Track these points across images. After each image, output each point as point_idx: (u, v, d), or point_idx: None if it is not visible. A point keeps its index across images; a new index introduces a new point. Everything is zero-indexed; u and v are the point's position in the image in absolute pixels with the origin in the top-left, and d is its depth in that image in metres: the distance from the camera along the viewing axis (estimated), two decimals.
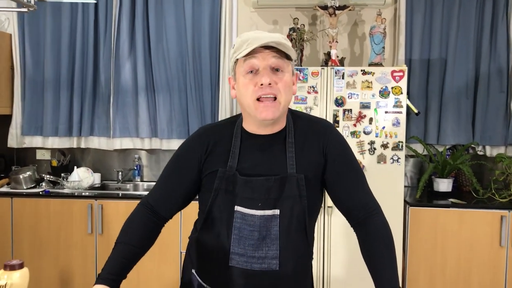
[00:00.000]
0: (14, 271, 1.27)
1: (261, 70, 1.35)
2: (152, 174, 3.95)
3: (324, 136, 1.46)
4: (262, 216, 1.39)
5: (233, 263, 1.40)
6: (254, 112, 1.37)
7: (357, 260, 3.07)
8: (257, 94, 1.35)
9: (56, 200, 3.34)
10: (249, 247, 1.39)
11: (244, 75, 1.37)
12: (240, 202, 1.40)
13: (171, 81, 3.74)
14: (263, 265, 1.39)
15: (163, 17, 3.71)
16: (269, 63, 1.35)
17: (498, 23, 3.53)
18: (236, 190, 1.41)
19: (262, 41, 1.33)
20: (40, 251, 3.34)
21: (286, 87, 1.37)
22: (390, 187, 3.06)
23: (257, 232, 1.39)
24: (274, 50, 1.35)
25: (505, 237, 3.07)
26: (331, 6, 3.33)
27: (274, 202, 1.40)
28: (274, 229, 1.39)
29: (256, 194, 1.40)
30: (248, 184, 1.40)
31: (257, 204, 1.39)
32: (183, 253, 3.28)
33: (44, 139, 3.84)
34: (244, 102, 1.39)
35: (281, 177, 1.40)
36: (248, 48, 1.33)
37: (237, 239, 1.40)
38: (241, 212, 1.40)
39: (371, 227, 1.44)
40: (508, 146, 3.61)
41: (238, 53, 1.36)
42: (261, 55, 1.35)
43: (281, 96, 1.36)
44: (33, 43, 3.80)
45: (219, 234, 1.42)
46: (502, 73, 3.55)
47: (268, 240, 1.39)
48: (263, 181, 1.40)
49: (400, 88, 3.07)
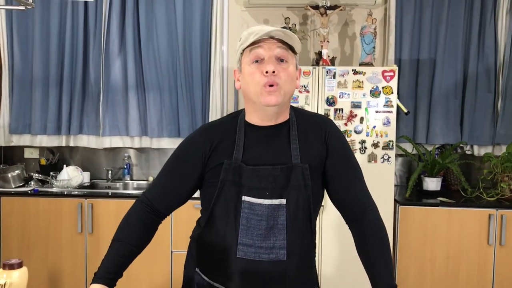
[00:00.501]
0: (13, 270, 1.26)
1: (267, 59, 1.39)
2: (142, 172, 3.93)
3: (325, 129, 1.50)
4: (269, 205, 1.41)
5: (241, 254, 1.41)
6: (259, 97, 1.39)
7: (349, 258, 3.11)
8: (263, 81, 1.38)
9: (45, 199, 3.30)
10: (257, 237, 1.40)
11: (250, 64, 1.41)
12: (248, 192, 1.42)
13: (161, 80, 3.73)
14: (271, 255, 1.41)
15: (153, 15, 3.69)
16: (275, 53, 1.39)
17: (486, 25, 3.58)
18: (242, 180, 1.42)
19: (268, 30, 1.37)
20: (29, 250, 3.30)
21: (289, 78, 1.41)
22: (380, 186, 3.09)
23: (264, 222, 1.40)
24: (279, 41, 1.39)
25: (492, 235, 3.12)
26: (322, 6, 3.35)
27: (280, 191, 1.42)
28: (281, 218, 1.41)
29: (263, 183, 1.41)
30: (255, 173, 1.41)
31: (264, 193, 1.41)
32: (174, 252, 3.27)
33: (33, 137, 3.80)
34: (249, 89, 1.42)
35: (287, 167, 1.42)
36: (254, 37, 1.37)
37: (245, 230, 1.41)
38: (248, 202, 1.41)
39: (366, 224, 1.46)
40: (496, 146, 3.67)
41: (245, 43, 1.41)
42: (266, 45, 1.39)
43: (284, 85, 1.39)
44: (21, 40, 3.75)
45: (226, 226, 1.43)
46: (489, 73, 3.61)
47: (275, 229, 1.41)
48: (270, 170, 1.42)
49: (391, 88, 3.10)
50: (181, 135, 3.75)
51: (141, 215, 1.49)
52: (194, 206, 3.16)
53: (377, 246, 1.43)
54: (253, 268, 1.41)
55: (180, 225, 3.25)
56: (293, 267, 1.43)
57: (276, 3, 3.57)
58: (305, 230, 1.46)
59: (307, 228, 1.46)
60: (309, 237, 1.48)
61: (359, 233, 1.47)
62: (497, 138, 3.62)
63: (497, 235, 3.13)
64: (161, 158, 3.89)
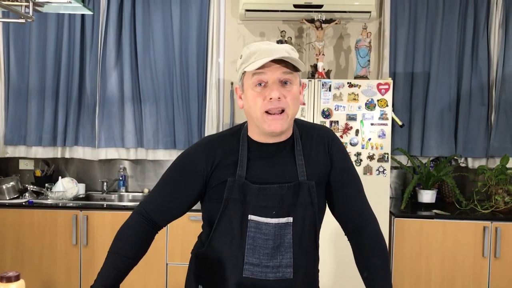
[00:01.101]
0: (10, 283, 1.26)
1: (270, 84, 1.35)
2: (137, 184, 3.93)
3: (328, 141, 1.49)
4: (276, 224, 1.40)
5: (248, 274, 1.40)
6: (263, 124, 1.37)
7: (346, 271, 3.10)
8: (266, 107, 1.35)
9: (40, 211, 3.29)
10: (264, 256, 1.39)
11: (252, 88, 1.37)
12: (254, 210, 1.40)
13: (157, 92, 3.74)
14: (277, 274, 1.40)
15: (150, 27, 3.71)
16: (278, 77, 1.35)
17: (479, 38, 3.63)
18: (247, 198, 1.40)
19: (271, 54, 1.32)
20: (24, 262, 3.28)
21: (294, 100, 1.38)
22: (376, 198, 3.06)
23: (271, 241, 1.39)
24: (282, 64, 1.34)
25: (487, 247, 3.13)
26: (317, 20, 3.38)
27: (287, 209, 1.41)
28: (287, 237, 1.40)
29: (270, 202, 1.40)
30: (261, 192, 1.40)
31: (271, 212, 1.40)
32: (169, 264, 3.26)
33: (28, 148, 3.79)
34: (252, 114, 1.39)
35: (294, 184, 1.41)
36: (256, 61, 1.33)
37: (252, 249, 1.39)
38: (255, 221, 1.40)
39: (366, 236, 1.46)
40: (490, 158, 3.69)
41: (246, 65, 1.36)
42: (270, 70, 1.34)
43: (289, 109, 1.37)
44: (18, 52, 3.76)
45: (231, 244, 1.41)
46: (483, 86, 3.65)
47: (282, 248, 1.40)
48: (277, 189, 1.40)
49: (386, 100, 3.12)
50: (177, 147, 3.75)
51: (138, 227, 1.48)
52: (190, 218, 3.16)
53: (376, 258, 1.43)
54: (260, 286, 1.40)
55: (175, 237, 3.24)
56: (300, 284, 1.43)
57: (272, 16, 3.61)
58: (310, 247, 1.46)
59: (312, 244, 1.46)
60: (314, 253, 1.49)
61: (358, 244, 1.47)
62: (491, 150, 3.64)
63: (492, 248, 3.14)
64: (157, 170, 3.89)
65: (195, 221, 3.13)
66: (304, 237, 1.42)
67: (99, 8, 3.70)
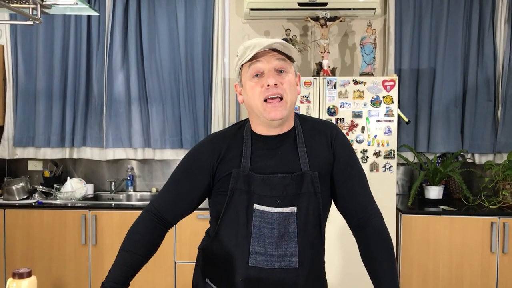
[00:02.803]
0: (22, 279, 1.28)
1: (266, 72, 1.41)
2: (145, 184, 3.95)
3: (331, 134, 1.51)
4: (280, 213, 1.42)
5: (253, 263, 1.42)
6: (263, 113, 1.41)
7: (352, 266, 3.11)
8: (264, 95, 1.40)
9: (49, 211, 3.32)
10: (269, 245, 1.42)
11: (250, 79, 1.43)
12: (258, 200, 1.43)
13: (164, 91, 3.76)
14: (283, 263, 1.42)
15: (155, 28, 3.74)
16: (273, 65, 1.41)
17: (484, 34, 3.62)
18: (252, 189, 1.43)
19: (265, 44, 1.39)
20: (34, 262, 3.31)
21: (291, 87, 1.43)
22: (382, 195, 3.09)
23: (276, 230, 1.42)
24: (276, 53, 1.42)
25: (495, 243, 3.13)
26: (322, 18, 3.39)
27: (291, 199, 1.43)
28: (292, 226, 1.43)
29: (274, 191, 1.43)
30: (265, 182, 1.43)
31: (275, 202, 1.43)
32: (177, 263, 3.28)
33: (36, 150, 3.83)
34: (252, 104, 1.44)
35: (297, 175, 1.44)
36: (251, 52, 1.39)
37: (257, 238, 1.42)
38: (260, 210, 1.43)
39: (371, 230, 1.47)
40: (497, 154, 3.69)
41: (243, 59, 1.43)
42: (265, 59, 1.41)
43: (287, 95, 1.42)
44: (25, 54, 3.80)
45: (237, 234, 1.44)
46: (489, 82, 3.64)
47: (286, 237, 1.43)
48: (280, 179, 1.43)
49: (391, 97, 3.13)
50: (184, 146, 3.77)
51: (149, 225, 1.50)
52: (198, 217, 3.18)
53: (382, 253, 1.44)
54: (265, 276, 1.42)
55: (183, 236, 3.27)
56: (305, 274, 1.44)
57: (276, 15, 3.62)
58: (315, 237, 1.47)
59: (317, 235, 1.48)
60: (319, 244, 1.50)
61: (363, 239, 1.48)
62: (498, 146, 3.64)
63: (500, 243, 3.14)
64: (164, 169, 3.92)
65: (203, 220, 3.16)
66: (308, 227, 1.44)
67: (105, 9, 3.73)
